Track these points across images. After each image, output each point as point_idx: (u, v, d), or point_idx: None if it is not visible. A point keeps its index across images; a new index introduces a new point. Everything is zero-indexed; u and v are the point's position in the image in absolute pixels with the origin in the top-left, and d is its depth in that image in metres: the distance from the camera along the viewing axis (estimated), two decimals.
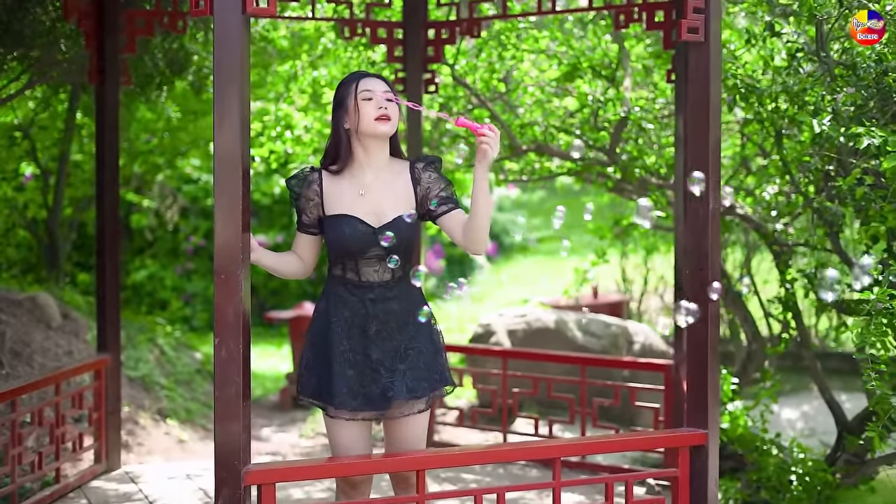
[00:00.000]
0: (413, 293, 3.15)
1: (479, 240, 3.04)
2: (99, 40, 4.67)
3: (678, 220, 4.56)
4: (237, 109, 2.81)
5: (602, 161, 5.46)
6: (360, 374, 3.07)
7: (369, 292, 3.09)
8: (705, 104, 3.30)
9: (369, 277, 3.10)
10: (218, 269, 2.81)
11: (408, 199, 3.13)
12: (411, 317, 3.11)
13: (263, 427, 6.81)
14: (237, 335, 2.82)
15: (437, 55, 5.11)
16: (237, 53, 2.80)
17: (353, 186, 3.12)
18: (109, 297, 4.74)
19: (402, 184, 3.14)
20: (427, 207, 3.13)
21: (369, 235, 3.06)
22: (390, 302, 3.09)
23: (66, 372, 4.51)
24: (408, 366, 3.08)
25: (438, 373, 3.14)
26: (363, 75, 3.14)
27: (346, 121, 3.11)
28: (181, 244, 10.58)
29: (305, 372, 3.16)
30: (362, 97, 3.07)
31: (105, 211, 4.74)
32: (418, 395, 3.07)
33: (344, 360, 3.07)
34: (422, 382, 3.08)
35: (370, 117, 3.06)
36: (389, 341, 3.08)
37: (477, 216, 3.00)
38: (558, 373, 5.74)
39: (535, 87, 6.00)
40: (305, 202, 3.15)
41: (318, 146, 6.06)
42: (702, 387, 3.34)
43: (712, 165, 3.30)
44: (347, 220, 3.07)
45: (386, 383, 3.05)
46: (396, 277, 3.11)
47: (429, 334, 3.15)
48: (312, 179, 3.15)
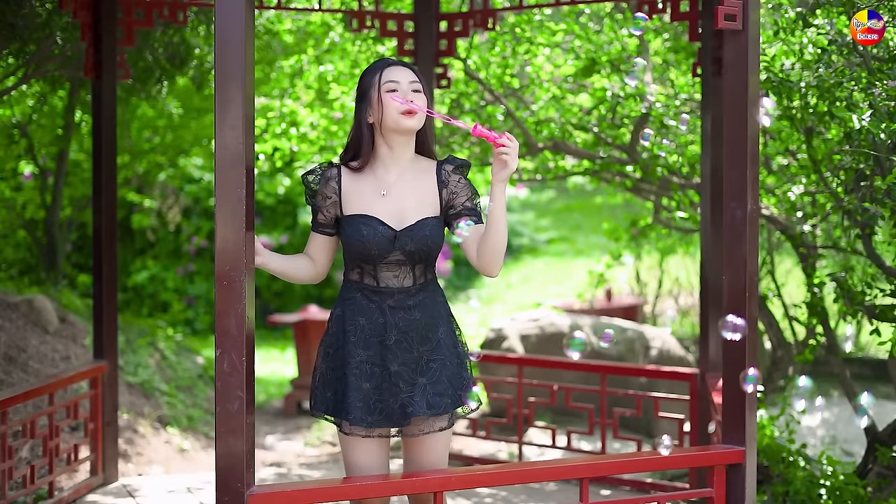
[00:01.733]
0: (437, 302, 2.92)
1: (495, 262, 2.81)
2: (95, 32, 4.44)
3: (704, 221, 4.33)
4: (240, 103, 2.59)
5: (621, 159, 5.23)
6: (378, 387, 2.84)
7: (389, 299, 2.86)
8: (742, 96, 3.08)
9: (389, 283, 2.87)
10: (219, 275, 2.59)
11: (432, 203, 2.89)
12: (434, 327, 2.88)
13: (267, 435, 6.59)
14: (240, 346, 2.60)
15: (450, 48, 4.88)
16: (240, 44, 2.58)
17: (374, 185, 2.89)
18: (107, 301, 4.52)
19: (427, 185, 2.91)
20: (450, 212, 2.90)
21: (389, 239, 2.83)
22: (411, 310, 2.86)
23: (61, 380, 4.28)
24: (429, 379, 2.84)
25: (462, 388, 2.90)
26: (388, 64, 2.89)
27: (369, 114, 2.88)
28: (183, 245, 10.37)
29: (319, 385, 2.93)
30: (387, 89, 2.83)
31: (102, 211, 4.51)
32: (439, 412, 2.83)
33: (360, 373, 2.84)
34: (444, 398, 2.84)
35: (395, 111, 2.83)
36: (409, 352, 2.85)
37: (495, 234, 2.76)
38: (575, 381, 5.51)
39: (550, 83, 5.77)
40: (322, 199, 2.91)
41: (324, 144, 5.83)
42: (738, 401, 3.12)
43: (750, 161, 3.08)
44: (366, 221, 2.84)
45: (405, 398, 2.82)
46: (419, 284, 2.88)
47: (453, 346, 2.92)
48: (331, 175, 2.91)
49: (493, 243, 2.77)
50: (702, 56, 4.36)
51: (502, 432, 5.41)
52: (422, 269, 2.90)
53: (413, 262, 2.86)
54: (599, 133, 5.21)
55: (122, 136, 8.25)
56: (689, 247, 7.63)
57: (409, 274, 2.87)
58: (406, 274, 2.87)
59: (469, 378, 2.95)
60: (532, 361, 4.92)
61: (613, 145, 5.14)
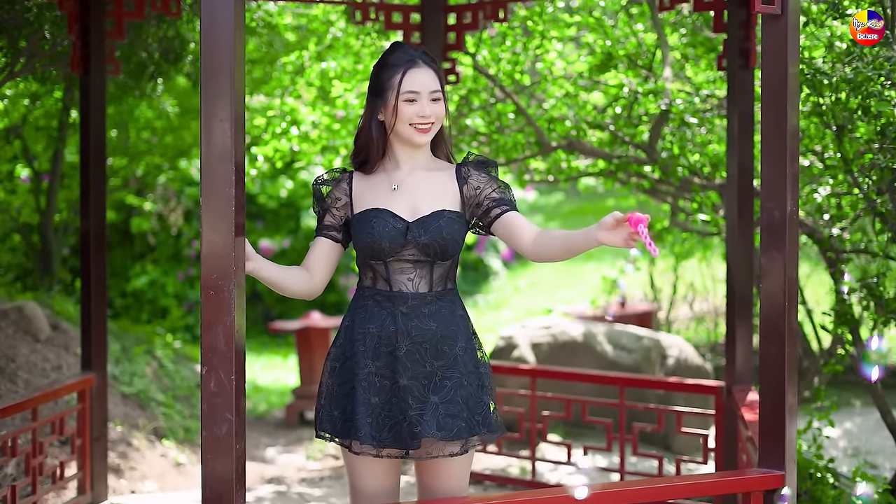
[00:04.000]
0: (456, 314, 2.65)
1: (551, 260, 2.60)
2: (83, 24, 4.19)
3: (730, 225, 4.06)
4: (228, 93, 2.32)
5: (639, 159, 4.96)
6: (387, 402, 2.58)
7: (402, 304, 2.60)
8: (782, 87, 2.81)
9: (402, 287, 2.61)
10: (205, 283, 2.33)
11: (451, 197, 2.65)
12: (451, 341, 2.61)
13: (268, 447, 6.33)
14: (229, 363, 2.33)
15: (459, 42, 4.61)
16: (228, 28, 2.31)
17: (385, 182, 2.66)
18: (95, 309, 4.26)
19: (445, 181, 2.67)
20: (478, 212, 2.65)
21: (401, 231, 2.58)
22: (426, 319, 2.60)
23: (45, 394, 4.02)
24: (441, 398, 2.56)
25: (481, 414, 2.61)
26: (411, 62, 2.63)
27: (380, 112, 2.64)
28: (183, 249, 10.11)
29: (325, 403, 2.66)
30: (404, 98, 2.60)
31: (91, 214, 4.25)
32: (451, 436, 2.55)
33: (369, 385, 2.58)
34: (457, 420, 2.56)
35: (407, 122, 2.60)
36: (421, 366, 2.58)
37: (567, 252, 2.53)
38: (588, 393, 5.24)
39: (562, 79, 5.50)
40: (332, 201, 2.68)
41: (326, 144, 5.57)
42: (777, 420, 2.85)
43: (790, 157, 2.81)
44: (377, 214, 2.60)
45: (414, 416, 2.55)
46: (436, 291, 2.62)
47: (473, 365, 2.64)
48: (342, 178, 2.70)
49: (560, 257, 2.58)
50: (727, 48, 4.09)
51: (514, 447, 5.14)
52: (441, 275, 2.64)
53: (429, 260, 2.60)
54: (616, 131, 4.93)
55: (119, 137, 8.02)
56: (707, 251, 7.36)
57: (424, 278, 2.61)
58: (422, 278, 2.61)
59: (488, 404, 2.67)
60: (546, 373, 4.64)
61: (631, 144, 4.87)
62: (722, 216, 5.08)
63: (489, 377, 2.70)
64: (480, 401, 2.63)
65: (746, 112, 4.01)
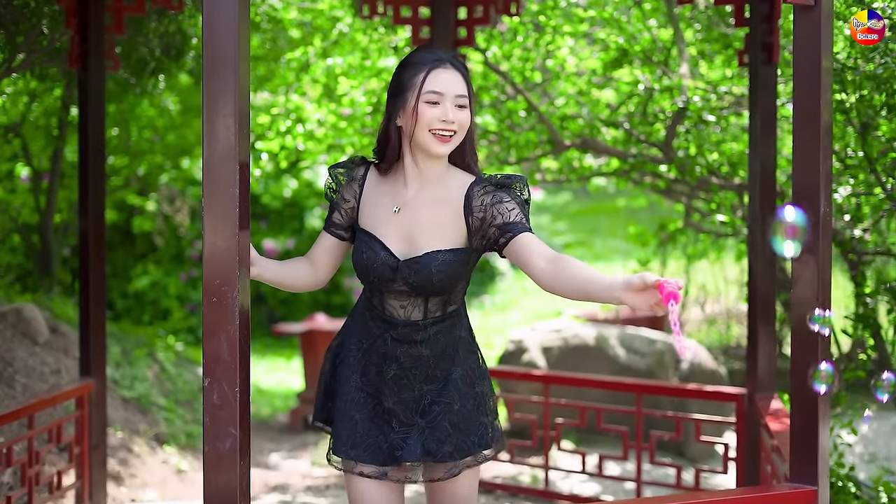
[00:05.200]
0: (453, 337, 2.47)
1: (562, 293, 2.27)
2: (81, 18, 4.05)
3: (753, 226, 3.91)
4: (232, 86, 2.18)
5: (655, 158, 4.80)
6: (369, 419, 2.45)
7: (392, 329, 2.45)
8: (815, 82, 2.67)
9: (393, 312, 2.46)
10: (208, 289, 2.18)
11: (452, 232, 2.41)
12: (445, 365, 2.45)
13: (272, 452, 6.18)
14: (233, 374, 2.19)
15: (469, 37, 4.47)
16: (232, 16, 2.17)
17: (390, 198, 2.46)
18: (94, 313, 4.12)
19: (449, 209, 2.42)
20: (489, 243, 2.41)
21: (391, 267, 2.41)
22: (417, 346, 2.44)
23: (41, 401, 3.88)
24: (428, 423, 2.42)
25: (477, 434, 2.46)
26: (437, 62, 2.39)
27: (399, 115, 2.42)
28: (185, 250, 9.97)
29: (321, 394, 2.59)
30: (426, 99, 2.36)
31: (89, 214, 4.11)
32: (436, 460, 2.41)
33: (351, 399, 2.46)
34: (444, 445, 2.41)
35: (427, 127, 2.36)
36: (409, 390, 2.45)
37: (584, 295, 2.22)
38: (601, 399, 5.09)
39: (574, 76, 5.35)
40: (342, 201, 2.51)
41: (332, 142, 5.42)
42: (810, 434, 2.71)
43: (823, 153, 2.67)
44: (370, 244, 2.43)
45: (395, 439, 2.42)
46: (432, 318, 2.44)
47: (469, 386, 2.47)
48: (356, 176, 2.50)
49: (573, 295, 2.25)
50: (749, 43, 3.94)
51: (525, 454, 4.99)
52: (438, 303, 2.45)
53: (422, 295, 2.43)
54: (631, 129, 4.78)
55: (120, 136, 7.88)
56: (721, 252, 7.20)
57: (418, 307, 2.44)
58: (415, 307, 2.44)
59: (488, 422, 2.51)
60: (560, 379, 4.49)
61: (647, 142, 4.72)
62: (739, 217, 4.93)
63: (490, 395, 2.55)
64: (477, 421, 2.48)
65: (769, 109, 3.86)
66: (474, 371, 2.51)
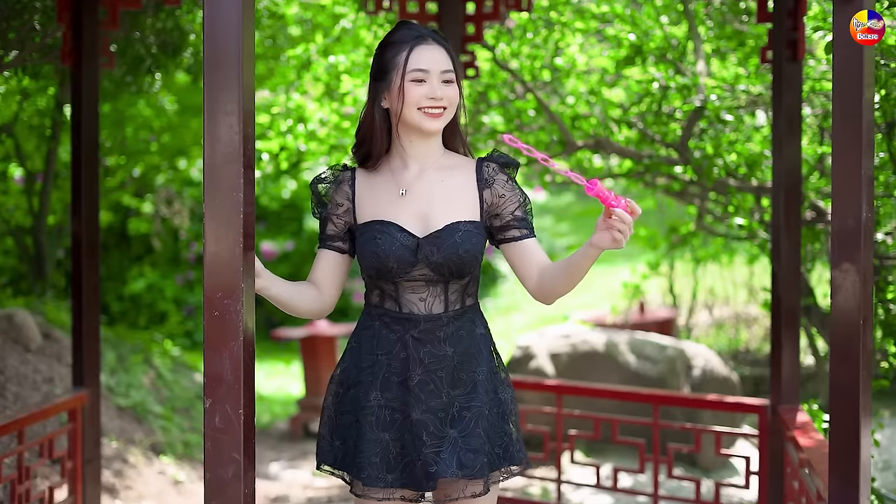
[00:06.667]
0: (475, 334, 2.33)
1: (555, 298, 2.31)
2: (74, 13, 3.87)
3: (776, 231, 3.74)
4: (236, 81, 2.01)
5: (670, 159, 4.63)
6: (399, 438, 2.26)
7: (413, 328, 2.28)
8: (857, 77, 2.49)
9: (413, 308, 2.29)
10: (209, 303, 2.01)
11: (469, 204, 2.31)
12: (470, 366, 2.29)
13: (271, 462, 6.01)
14: (236, 395, 2.01)
15: (478, 34, 4.29)
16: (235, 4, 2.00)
17: (391, 184, 2.32)
18: (88, 321, 3.93)
19: (462, 182, 2.32)
20: (494, 223, 2.32)
21: (410, 248, 2.25)
22: (441, 344, 2.28)
23: (34, 414, 3.70)
24: (460, 432, 2.25)
25: (502, 446, 2.31)
26: (417, 39, 2.28)
27: (384, 97, 2.30)
28: (182, 252, 9.79)
29: (326, 432, 2.35)
30: (411, 77, 2.25)
31: (82, 217, 3.92)
32: (473, 474, 2.23)
33: (376, 420, 2.27)
34: (479, 456, 2.24)
35: (416, 106, 2.25)
36: (437, 397, 2.27)
37: (568, 283, 2.25)
38: (613, 409, 4.93)
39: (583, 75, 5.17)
40: (333, 208, 2.34)
41: (334, 142, 5.24)
42: (851, 454, 2.53)
43: (865, 155, 2.49)
44: (382, 228, 2.26)
45: (429, 454, 2.23)
46: (452, 310, 2.29)
47: (493, 391, 2.33)
48: (343, 179, 2.35)
49: (563, 289, 2.27)
50: (772, 39, 3.77)
51: (534, 466, 4.82)
52: (457, 292, 2.31)
53: (443, 279, 2.28)
54: (645, 129, 4.61)
55: (116, 136, 7.70)
56: (732, 255, 7.03)
57: (438, 297, 2.29)
58: (435, 297, 2.29)
59: (513, 433, 2.36)
60: (573, 389, 4.32)
61: (662, 143, 4.54)
62: (757, 220, 4.76)
63: (512, 402, 2.40)
64: (501, 431, 2.33)
65: (794, 108, 3.69)
66: (496, 375, 2.37)
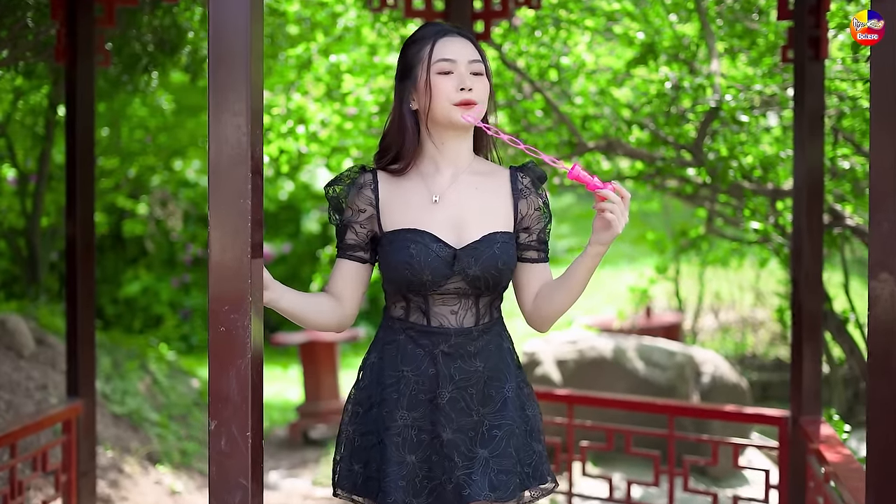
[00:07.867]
0: (503, 348, 2.21)
1: (551, 321, 2.21)
2: (68, 10, 3.72)
3: (797, 235, 3.61)
4: (244, 79, 1.86)
5: (683, 161, 4.50)
6: (427, 460, 2.13)
7: (443, 343, 2.14)
8: (893, 78, 2.36)
9: (443, 321, 2.15)
10: (215, 317, 1.86)
11: (504, 214, 2.19)
12: (499, 382, 2.17)
13: (270, 470, 5.86)
14: (243, 417, 1.87)
15: (486, 31, 4.16)
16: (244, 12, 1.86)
17: (422, 191, 2.17)
18: (83, 328, 3.79)
19: (495, 191, 2.20)
20: (518, 239, 2.22)
21: (446, 260, 2.11)
22: (472, 359, 2.15)
23: (27, 427, 3.55)
24: (491, 452, 2.13)
25: (531, 465, 2.19)
26: (441, 32, 2.17)
27: (412, 99, 2.17)
28: (178, 254, 9.63)
29: (345, 455, 2.21)
30: (437, 69, 2.13)
31: (77, 219, 3.78)
32: (505, 496, 2.11)
33: (402, 441, 2.13)
34: (511, 477, 2.12)
35: (446, 100, 2.12)
36: (468, 415, 2.14)
37: (567, 298, 2.15)
38: (624, 420, 4.79)
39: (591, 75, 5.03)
40: (354, 214, 2.19)
41: (336, 144, 5.10)
42: (891, 468, 2.40)
43: None
44: (415, 237, 2.12)
45: (461, 476, 2.10)
46: (483, 324, 2.17)
47: (521, 408, 2.20)
48: (364, 183, 2.19)
49: (560, 305, 2.16)
50: (794, 38, 3.64)
51: None
52: (487, 305, 2.18)
53: (477, 292, 2.15)
54: (658, 130, 4.48)
55: (111, 136, 7.55)
56: (742, 259, 6.90)
57: (470, 310, 2.16)
58: (467, 310, 2.16)
59: (542, 451, 2.24)
60: (585, 400, 4.18)
61: (675, 145, 4.41)
62: (771, 224, 4.63)
63: (538, 419, 2.27)
64: (530, 449, 2.22)
65: (816, 109, 3.56)
66: (523, 390, 2.25)
